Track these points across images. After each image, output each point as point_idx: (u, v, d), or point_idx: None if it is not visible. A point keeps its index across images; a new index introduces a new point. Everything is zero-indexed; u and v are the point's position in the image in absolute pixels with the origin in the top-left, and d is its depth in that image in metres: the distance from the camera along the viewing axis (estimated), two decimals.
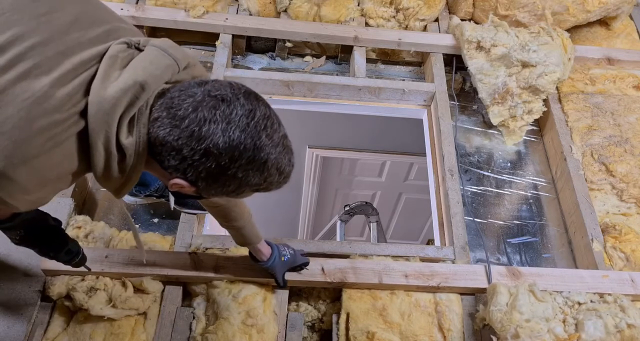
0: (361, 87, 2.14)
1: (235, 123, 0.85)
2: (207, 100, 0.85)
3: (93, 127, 0.84)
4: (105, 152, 0.87)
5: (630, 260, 1.75)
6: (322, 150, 3.93)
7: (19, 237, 1.16)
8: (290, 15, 2.32)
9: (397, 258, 1.67)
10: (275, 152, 0.90)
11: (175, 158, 0.87)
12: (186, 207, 1.71)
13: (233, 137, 0.85)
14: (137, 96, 0.85)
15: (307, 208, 4.63)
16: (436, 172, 2.02)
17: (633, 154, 2.00)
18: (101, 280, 1.48)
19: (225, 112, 0.85)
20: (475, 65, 2.11)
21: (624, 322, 1.45)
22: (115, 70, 0.87)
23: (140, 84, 0.85)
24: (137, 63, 0.89)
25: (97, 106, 0.84)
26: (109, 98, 0.83)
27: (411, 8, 2.30)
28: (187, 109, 0.85)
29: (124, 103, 0.84)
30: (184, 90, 0.87)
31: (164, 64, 0.90)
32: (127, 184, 0.94)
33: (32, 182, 0.84)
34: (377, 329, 1.51)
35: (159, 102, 0.88)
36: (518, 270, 1.62)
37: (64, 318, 1.49)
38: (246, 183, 0.92)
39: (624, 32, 2.47)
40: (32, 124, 0.80)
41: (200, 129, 0.84)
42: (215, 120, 0.84)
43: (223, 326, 1.45)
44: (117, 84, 0.85)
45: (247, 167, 0.89)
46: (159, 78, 0.88)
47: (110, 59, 0.87)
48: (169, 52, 0.92)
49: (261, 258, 1.43)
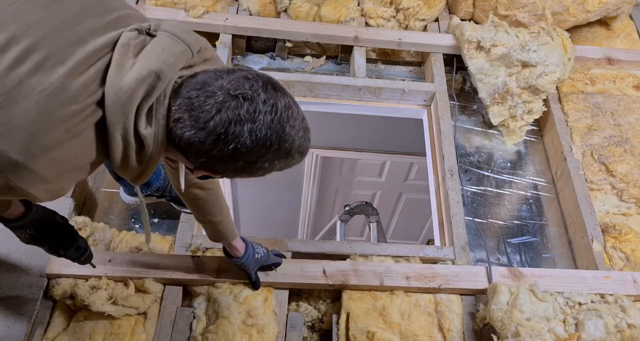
0: (361, 87, 2.14)
1: (261, 122, 0.86)
2: (229, 101, 0.85)
3: (110, 117, 0.84)
4: (123, 142, 0.87)
5: (631, 260, 1.75)
6: (322, 150, 3.93)
7: (29, 235, 1.17)
8: (290, 15, 2.32)
9: (397, 258, 1.67)
10: (297, 138, 0.92)
11: (203, 157, 0.89)
12: (185, 207, 1.70)
13: (260, 136, 0.86)
14: (153, 86, 0.85)
15: (307, 208, 4.62)
16: (436, 172, 2.02)
17: (633, 154, 2.00)
18: (104, 281, 1.48)
19: (249, 111, 0.85)
20: (475, 65, 2.11)
21: (624, 322, 1.45)
22: (129, 58, 0.86)
23: (155, 73, 0.85)
24: (151, 51, 0.88)
25: (114, 97, 0.84)
26: (126, 89, 0.83)
27: (411, 8, 2.30)
28: (210, 112, 0.84)
29: (140, 94, 0.84)
30: (202, 88, 0.87)
31: (178, 51, 0.90)
32: (145, 172, 0.95)
33: (52, 172, 0.84)
34: (377, 329, 1.51)
35: (178, 102, 0.87)
36: (519, 271, 1.62)
37: (64, 317, 1.49)
38: (271, 169, 0.95)
39: (624, 32, 2.47)
40: (50, 116, 0.80)
41: (227, 131, 0.85)
42: (240, 120, 0.85)
43: (223, 326, 1.45)
44: (132, 74, 0.84)
45: (273, 158, 0.91)
46: (173, 66, 0.88)
47: (122, 47, 0.87)
48: (181, 37, 0.91)
49: (236, 254, 1.42)
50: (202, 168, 0.94)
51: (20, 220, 1.13)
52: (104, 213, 1.78)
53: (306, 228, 4.88)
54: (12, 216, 1.12)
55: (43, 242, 1.21)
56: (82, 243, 1.27)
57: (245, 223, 4.50)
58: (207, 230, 1.38)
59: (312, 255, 1.65)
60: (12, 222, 1.13)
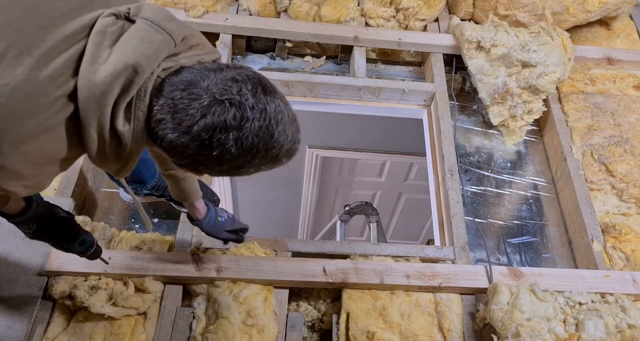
0: (361, 87, 2.14)
1: (248, 129, 0.82)
2: (215, 105, 0.80)
3: (84, 113, 0.80)
4: (98, 138, 0.83)
5: (630, 260, 1.75)
6: (322, 150, 3.93)
7: (32, 230, 1.15)
8: (290, 15, 2.32)
9: (397, 258, 1.67)
10: (286, 143, 0.88)
11: (186, 159, 0.86)
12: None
13: (246, 144, 0.83)
14: (131, 80, 0.80)
15: (307, 208, 4.62)
16: (436, 172, 2.02)
17: (633, 154, 2.00)
18: (103, 280, 1.48)
19: (236, 117, 0.81)
20: (475, 65, 2.11)
21: (625, 322, 1.45)
22: (105, 48, 0.80)
23: (132, 67, 0.79)
24: (128, 41, 0.81)
25: (87, 92, 0.79)
26: (100, 84, 0.78)
27: (411, 8, 2.30)
28: (194, 116, 0.80)
29: (116, 89, 0.79)
30: (186, 89, 0.82)
31: (158, 41, 0.83)
32: (126, 167, 0.92)
33: (27, 168, 0.81)
34: (377, 329, 1.51)
35: (161, 101, 0.83)
36: (519, 271, 1.62)
37: (64, 317, 1.48)
38: (258, 172, 0.92)
39: (624, 32, 2.47)
40: (16, 111, 0.76)
41: (211, 138, 0.81)
42: (226, 127, 0.80)
43: (223, 326, 1.45)
44: (107, 67, 0.79)
45: (259, 163, 0.88)
46: (153, 57, 0.82)
47: (98, 35, 0.81)
48: (162, 25, 0.84)
49: (196, 216, 1.38)
50: (185, 168, 0.91)
51: (22, 215, 1.10)
52: (104, 213, 1.78)
53: (306, 228, 4.88)
54: (13, 211, 1.10)
55: (47, 237, 1.19)
56: (87, 238, 1.25)
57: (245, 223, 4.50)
58: (170, 187, 1.34)
59: (312, 255, 1.65)
60: (15, 217, 1.11)
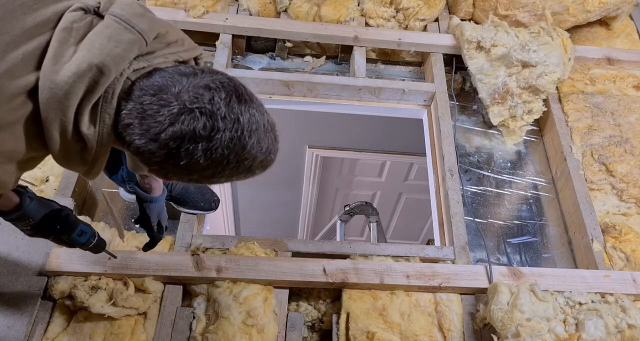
0: (361, 87, 2.14)
1: (218, 140, 0.77)
2: (184, 113, 0.76)
3: (45, 113, 0.76)
4: (61, 140, 0.79)
5: (630, 260, 1.75)
6: (322, 150, 3.93)
7: (30, 226, 1.11)
8: (290, 15, 2.32)
9: (397, 258, 1.67)
10: (260, 154, 0.84)
11: (154, 166, 0.82)
12: (186, 207, 1.71)
13: (216, 156, 0.78)
14: (96, 81, 0.76)
15: (307, 208, 4.63)
16: (436, 172, 2.02)
17: (633, 154, 2.00)
18: (103, 280, 1.48)
19: (206, 127, 0.76)
20: (475, 65, 2.11)
21: (625, 322, 1.45)
22: (70, 46, 0.76)
23: (97, 67, 0.75)
24: (94, 39, 0.77)
25: (48, 92, 0.75)
26: (62, 84, 0.74)
27: (411, 8, 2.30)
28: (162, 123, 0.76)
29: (80, 90, 0.75)
30: (156, 94, 0.77)
31: (126, 40, 0.79)
32: (92, 171, 0.88)
33: None
34: (377, 329, 1.51)
35: (129, 106, 0.78)
36: (520, 270, 1.62)
37: (64, 317, 1.48)
38: (230, 181, 0.89)
39: (624, 32, 2.47)
40: None
41: (179, 147, 0.77)
42: (195, 137, 0.76)
43: (223, 326, 1.45)
44: (70, 67, 0.75)
45: (231, 174, 0.84)
46: (121, 57, 0.77)
47: (63, 31, 0.77)
48: (132, 23, 0.79)
49: (154, 191, 1.29)
50: (154, 173, 0.87)
51: (17, 211, 1.07)
52: (104, 213, 1.78)
53: (306, 228, 4.89)
54: (7, 207, 1.06)
55: (46, 231, 1.14)
56: (86, 228, 1.21)
57: (246, 223, 4.51)
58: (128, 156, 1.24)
59: (312, 255, 1.65)
60: (11, 214, 1.07)
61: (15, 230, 1.15)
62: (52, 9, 0.79)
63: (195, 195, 1.70)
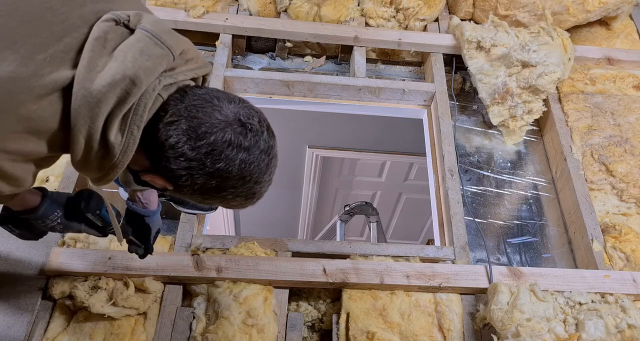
0: (361, 87, 2.14)
1: (255, 156, 0.87)
2: (236, 124, 0.85)
3: (75, 119, 0.78)
4: (85, 146, 0.81)
5: (630, 260, 1.75)
6: (322, 150, 3.93)
7: (59, 218, 1.11)
8: (290, 15, 2.32)
9: (397, 258, 1.67)
10: (266, 186, 0.94)
11: (178, 165, 0.85)
12: (186, 207, 1.71)
13: (247, 169, 0.87)
14: (127, 92, 0.79)
15: (307, 208, 4.63)
16: (436, 172, 2.02)
17: (633, 154, 2.00)
18: (103, 280, 1.48)
19: (251, 142, 0.86)
20: (475, 65, 2.11)
21: (625, 322, 1.45)
22: (103, 55, 0.79)
23: (130, 79, 0.78)
24: (127, 52, 0.80)
25: (81, 99, 0.77)
26: (95, 93, 0.77)
27: (411, 8, 2.30)
28: (215, 126, 0.83)
29: (112, 100, 0.78)
30: (210, 101, 0.85)
31: (157, 54, 0.83)
32: (105, 178, 0.90)
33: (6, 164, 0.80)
34: (377, 329, 1.51)
35: (181, 106, 0.84)
36: (520, 270, 1.62)
37: (64, 317, 1.48)
38: (223, 202, 0.94)
39: (624, 32, 2.47)
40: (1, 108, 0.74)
41: (222, 151, 0.84)
42: (239, 146, 0.85)
43: (223, 326, 1.45)
44: (104, 76, 0.77)
45: (238, 194, 0.90)
46: (151, 71, 0.81)
47: (96, 41, 0.79)
48: (162, 39, 0.84)
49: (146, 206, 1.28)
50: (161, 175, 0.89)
51: (44, 203, 1.08)
52: None
53: (306, 228, 4.89)
54: (33, 204, 1.08)
55: (77, 216, 1.14)
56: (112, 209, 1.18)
57: (245, 223, 4.51)
58: None
59: (312, 255, 1.65)
60: (37, 210, 1.08)
61: None
62: (77, 13, 0.81)
63: None
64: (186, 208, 1.70)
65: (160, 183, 0.92)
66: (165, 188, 0.94)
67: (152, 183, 0.94)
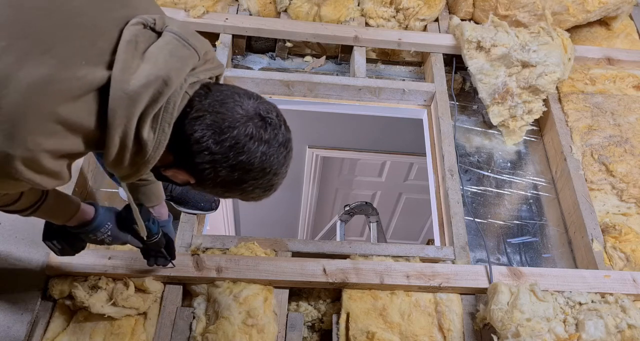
0: (361, 87, 2.14)
1: (275, 149, 0.92)
2: (257, 119, 0.89)
3: (112, 119, 0.83)
4: (120, 144, 0.86)
5: (630, 260, 1.75)
6: (322, 150, 3.93)
7: (109, 230, 1.19)
8: (290, 15, 2.32)
9: (397, 258, 1.67)
10: (283, 178, 0.99)
11: (202, 159, 0.89)
12: (186, 207, 1.71)
13: (267, 161, 0.91)
14: (160, 92, 0.83)
15: (307, 208, 4.63)
16: (436, 172, 2.02)
17: (633, 154, 2.00)
18: (103, 280, 1.48)
19: (270, 135, 0.91)
20: (475, 65, 2.11)
21: (625, 323, 1.45)
22: (136, 58, 0.84)
23: (163, 79, 0.83)
24: (158, 54, 0.85)
25: (118, 99, 0.82)
26: (132, 93, 0.82)
27: (411, 8, 2.30)
28: (237, 120, 0.87)
29: (146, 100, 0.83)
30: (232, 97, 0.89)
31: (185, 55, 0.88)
32: (135, 175, 0.94)
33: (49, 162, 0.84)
34: (377, 329, 1.51)
35: (206, 101, 0.88)
36: (520, 270, 1.62)
37: (64, 317, 1.48)
38: (243, 195, 0.97)
39: (624, 32, 2.47)
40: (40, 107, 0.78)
41: (245, 144, 0.88)
42: (260, 139, 0.89)
43: (223, 326, 1.45)
44: (139, 78, 0.82)
45: (258, 185, 0.94)
46: (180, 71, 0.86)
47: (128, 44, 0.84)
48: (189, 42, 0.89)
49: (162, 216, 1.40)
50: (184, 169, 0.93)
51: (97, 218, 1.16)
52: None
53: (306, 228, 4.89)
54: (87, 218, 1.16)
55: (126, 226, 1.22)
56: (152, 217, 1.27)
57: (246, 223, 4.51)
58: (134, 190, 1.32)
59: (312, 255, 1.65)
60: (91, 224, 1.16)
61: (15, 231, 1.16)
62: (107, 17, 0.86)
63: (196, 195, 1.70)
64: (187, 208, 1.70)
65: (183, 177, 0.96)
66: (187, 182, 0.97)
67: (174, 178, 0.99)
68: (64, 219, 1.15)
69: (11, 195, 0.99)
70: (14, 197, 1.01)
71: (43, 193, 1.07)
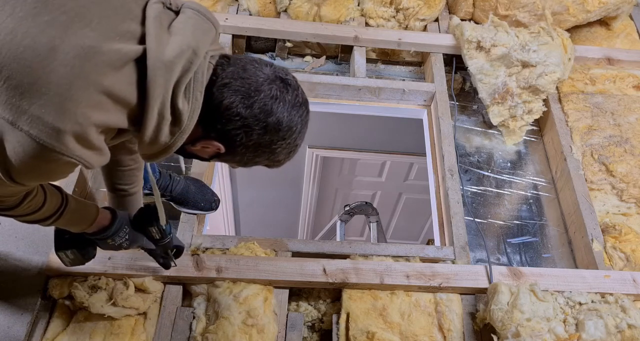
0: (361, 87, 2.14)
1: (297, 108, 0.97)
2: (278, 81, 0.95)
3: (151, 90, 0.85)
4: (158, 116, 0.88)
5: (630, 260, 1.75)
6: (322, 150, 3.93)
7: (127, 234, 1.21)
8: (290, 15, 2.32)
9: (397, 258, 1.67)
10: (302, 141, 1.03)
11: (235, 124, 0.93)
12: (186, 207, 1.71)
13: (293, 120, 0.96)
14: (191, 61, 0.87)
15: (307, 208, 4.63)
16: (436, 172, 2.02)
17: (633, 154, 2.00)
18: (103, 280, 1.48)
19: (292, 95, 0.96)
20: (475, 65, 2.11)
21: (625, 322, 1.45)
22: (164, 32, 0.88)
23: (193, 49, 0.88)
24: (184, 27, 0.90)
25: (157, 69, 0.85)
26: (168, 63, 0.85)
27: (411, 8, 2.30)
28: (261, 84, 0.92)
29: (179, 69, 0.86)
30: (252, 63, 0.95)
31: (206, 28, 0.93)
32: (168, 150, 0.97)
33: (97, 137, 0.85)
34: (377, 329, 1.51)
35: (229, 69, 0.93)
36: (520, 270, 1.62)
37: (64, 318, 1.48)
38: (271, 158, 1.02)
39: (624, 32, 2.47)
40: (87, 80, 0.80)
41: (272, 105, 0.93)
42: (284, 100, 0.95)
43: (223, 326, 1.45)
44: (173, 48, 0.86)
45: (286, 146, 0.99)
46: (204, 42, 0.91)
47: (155, 19, 0.88)
48: (207, 16, 0.94)
49: None
50: (214, 139, 0.97)
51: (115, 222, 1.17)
52: None
53: (306, 228, 4.89)
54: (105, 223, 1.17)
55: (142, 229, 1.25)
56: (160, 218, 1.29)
57: (246, 223, 4.51)
58: (114, 201, 1.34)
59: (312, 255, 1.65)
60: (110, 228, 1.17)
61: (15, 230, 1.16)
62: None
63: (196, 195, 1.70)
64: (186, 208, 1.70)
65: (212, 148, 0.99)
66: (216, 153, 1.01)
67: (201, 153, 1.02)
68: (86, 224, 1.15)
69: (37, 199, 1.00)
70: (39, 203, 1.01)
71: (63, 197, 1.07)
